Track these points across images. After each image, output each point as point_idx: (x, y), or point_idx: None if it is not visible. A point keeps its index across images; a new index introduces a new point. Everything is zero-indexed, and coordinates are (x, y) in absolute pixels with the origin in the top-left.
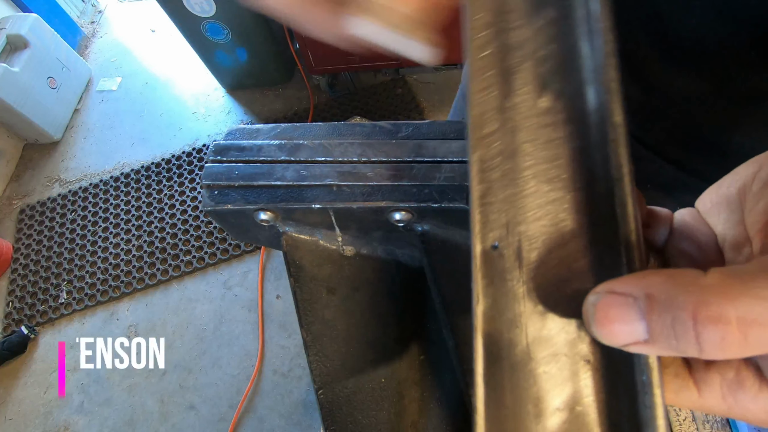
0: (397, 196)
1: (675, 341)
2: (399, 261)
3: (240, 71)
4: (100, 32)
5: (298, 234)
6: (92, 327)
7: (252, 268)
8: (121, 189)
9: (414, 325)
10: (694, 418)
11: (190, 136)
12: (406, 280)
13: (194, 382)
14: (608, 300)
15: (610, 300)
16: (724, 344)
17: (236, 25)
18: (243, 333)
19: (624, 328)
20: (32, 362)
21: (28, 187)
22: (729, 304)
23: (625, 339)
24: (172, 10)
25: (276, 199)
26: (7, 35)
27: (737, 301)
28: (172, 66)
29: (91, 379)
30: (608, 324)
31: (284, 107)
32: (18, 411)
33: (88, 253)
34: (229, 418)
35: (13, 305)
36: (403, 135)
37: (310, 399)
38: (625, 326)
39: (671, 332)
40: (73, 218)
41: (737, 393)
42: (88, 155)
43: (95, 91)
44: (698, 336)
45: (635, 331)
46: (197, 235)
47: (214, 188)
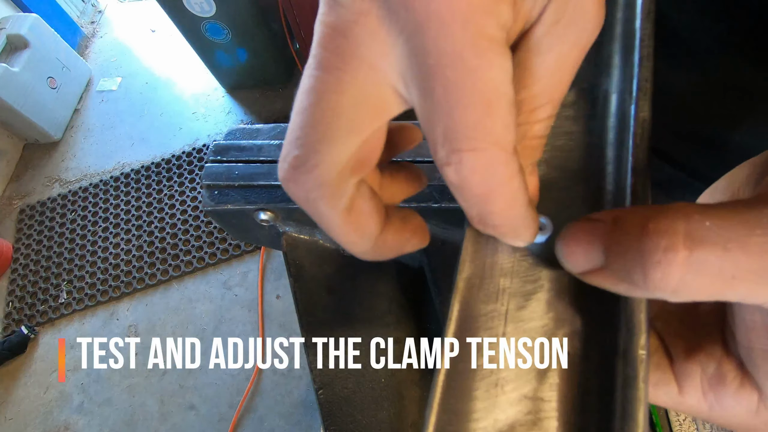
0: None
1: (623, 261)
2: (399, 261)
3: (240, 71)
4: (100, 32)
5: (298, 234)
6: (92, 327)
7: (252, 268)
8: (121, 189)
9: (414, 325)
10: (694, 418)
11: (190, 136)
12: (406, 280)
13: (194, 382)
14: (581, 224)
15: (582, 224)
16: (666, 261)
17: (236, 25)
18: (243, 333)
19: (584, 252)
20: (32, 362)
21: (28, 187)
22: (681, 219)
23: (582, 264)
24: (172, 10)
25: (276, 199)
26: (7, 35)
27: (690, 218)
28: (172, 66)
29: (91, 379)
30: (573, 245)
31: (284, 107)
32: (18, 411)
33: (88, 253)
34: (229, 418)
35: (13, 305)
36: None
37: (310, 399)
38: (584, 250)
39: (623, 250)
40: (73, 218)
41: (718, 388)
42: (88, 155)
43: (95, 91)
44: (642, 248)
45: (593, 256)
46: (197, 235)
47: (214, 188)
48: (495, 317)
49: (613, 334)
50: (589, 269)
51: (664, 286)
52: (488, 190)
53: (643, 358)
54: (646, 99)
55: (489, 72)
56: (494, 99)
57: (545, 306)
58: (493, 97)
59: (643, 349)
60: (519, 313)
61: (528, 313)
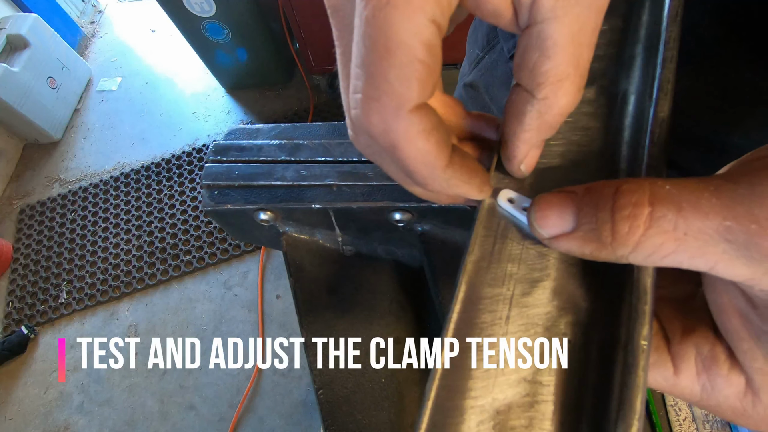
0: (397, 196)
1: (594, 219)
2: (399, 261)
3: (240, 71)
4: (100, 32)
5: (298, 234)
6: (92, 327)
7: (252, 268)
8: (121, 189)
9: (414, 325)
10: (694, 419)
11: (190, 136)
12: (406, 280)
13: (194, 382)
14: (554, 193)
15: (555, 193)
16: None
17: (236, 25)
18: (243, 333)
19: (556, 216)
20: (32, 362)
21: (28, 187)
22: (647, 182)
23: (554, 227)
24: (172, 10)
25: (276, 199)
26: (7, 35)
27: (655, 183)
28: (172, 66)
29: (91, 379)
30: (545, 211)
31: (284, 107)
32: (18, 411)
33: (88, 253)
34: (229, 418)
35: (13, 305)
36: None
37: (310, 399)
38: (557, 214)
39: (592, 208)
40: (73, 218)
41: (711, 370)
42: (88, 155)
43: (95, 91)
44: (614, 204)
45: (565, 220)
46: (197, 235)
47: (214, 188)
48: (500, 301)
49: (616, 323)
50: (559, 233)
51: (628, 241)
52: (390, 143)
53: (645, 348)
54: (666, 99)
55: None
56: (395, 49)
57: (550, 294)
58: (394, 47)
59: (645, 339)
60: (524, 299)
61: (532, 299)
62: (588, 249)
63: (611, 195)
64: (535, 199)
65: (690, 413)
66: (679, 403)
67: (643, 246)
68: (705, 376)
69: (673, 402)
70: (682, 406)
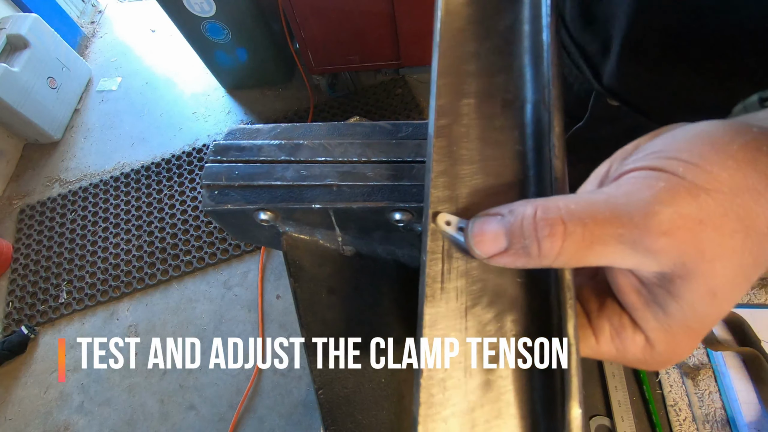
0: (397, 196)
1: (522, 239)
2: (399, 261)
3: (240, 71)
4: (100, 32)
5: (298, 234)
6: (92, 327)
7: (252, 268)
8: (121, 189)
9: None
10: (694, 419)
11: (190, 136)
12: (406, 280)
13: (194, 382)
14: (483, 219)
15: (484, 219)
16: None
17: (236, 25)
18: (243, 333)
19: (490, 239)
20: (32, 362)
21: (28, 187)
22: (556, 204)
23: (491, 249)
24: (172, 10)
25: (276, 199)
26: (7, 35)
27: (565, 203)
28: (172, 66)
29: (91, 379)
30: (480, 236)
31: (284, 107)
32: (18, 411)
33: (88, 253)
34: (229, 418)
35: (13, 305)
36: (403, 135)
37: (310, 399)
38: (491, 237)
39: (520, 230)
40: (73, 218)
41: (621, 335)
42: (88, 155)
43: (95, 91)
44: (536, 229)
45: (499, 242)
46: (197, 235)
47: (214, 188)
48: (457, 316)
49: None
50: (495, 253)
51: (551, 254)
52: None
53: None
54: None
55: None
56: None
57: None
58: None
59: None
60: (474, 308)
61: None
62: (520, 262)
63: (532, 217)
64: (468, 224)
65: (690, 413)
66: (679, 403)
67: (562, 255)
68: (618, 340)
69: (673, 402)
70: (682, 406)
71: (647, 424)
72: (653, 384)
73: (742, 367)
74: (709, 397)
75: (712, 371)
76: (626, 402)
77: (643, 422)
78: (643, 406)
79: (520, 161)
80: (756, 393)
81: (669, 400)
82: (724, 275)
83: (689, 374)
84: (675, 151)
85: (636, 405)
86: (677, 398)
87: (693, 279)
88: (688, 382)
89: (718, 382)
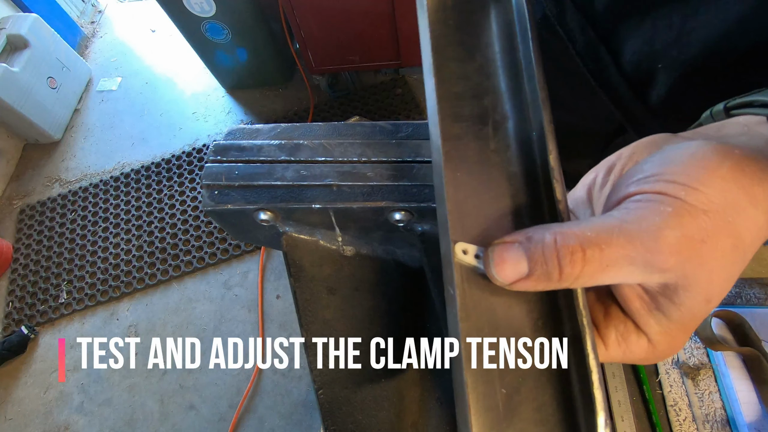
0: (397, 196)
1: (545, 265)
2: (399, 261)
3: (240, 71)
4: (100, 32)
5: (298, 234)
6: (92, 327)
7: (252, 268)
8: (121, 189)
9: (414, 325)
10: (694, 419)
11: (190, 136)
12: (406, 280)
13: (194, 382)
14: (501, 246)
15: (502, 246)
16: (573, 261)
17: (236, 25)
18: (243, 333)
19: (512, 266)
20: (32, 362)
21: (28, 187)
22: (576, 234)
23: (512, 276)
24: (172, 10)
25: (276, 199)
26: (7, 35)
27: (582, 231)
28: (172, 66)
29: (91, 379)
30: (501, 264)
31: (284, 107)
32: (18, 411)
33: (88, 253)
34: (229, 418)
35: (13, 305)
36: (403, 135)
37: (310, 399)
38: (512, 264)
39: (542, 257)
40: (73, 218)
41: (627, 339)
42: (88, 155)
43: (95, 91)
44: (558, 252)
45: (520, 268)
46: (197, 235)
47: (214, 188)
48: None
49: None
50: (516, 279)
51: (571, 277)
52: None
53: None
54: (552, 138)
55: None
56: None
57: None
58: None
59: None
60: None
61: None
62: (540, 286)
63: (553, 245)
64: (487, 253)
65: (690, 413)
66: (679, 403)
67: (582, 278)
68: (624, 344)
69: (673, 402)
70: (682, 406)
71: (647, 424)
72: (653, 384)
73: (742, 367)
74: (709, 397)
75: (712, 371)
76: (626, 402)
77: (643, 422)
78: (643, 406)
79: (516, 183)
80: (756, 393)
81: (669, 400)
82: (718, 283)
83: (689, 374)
84: (673, 175)
85: (636, 405)
86: (677, 398)
87: (693, 288)
88: (688, 382)
89: (719, 382)
